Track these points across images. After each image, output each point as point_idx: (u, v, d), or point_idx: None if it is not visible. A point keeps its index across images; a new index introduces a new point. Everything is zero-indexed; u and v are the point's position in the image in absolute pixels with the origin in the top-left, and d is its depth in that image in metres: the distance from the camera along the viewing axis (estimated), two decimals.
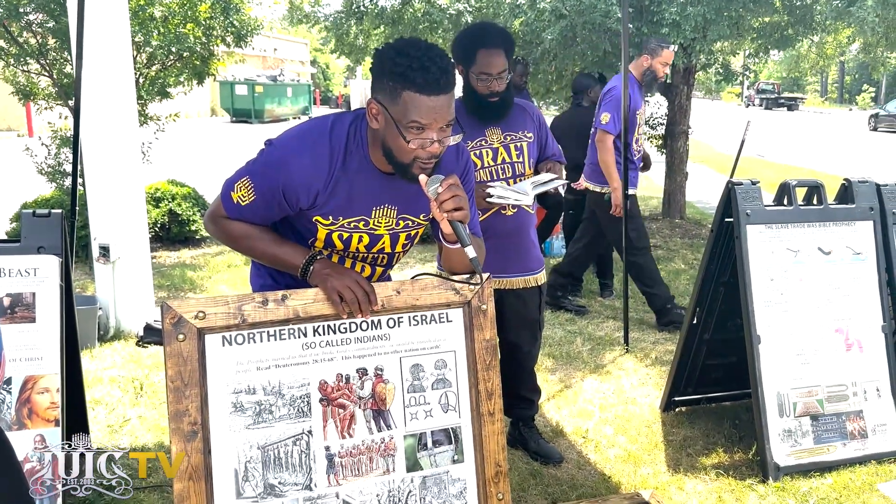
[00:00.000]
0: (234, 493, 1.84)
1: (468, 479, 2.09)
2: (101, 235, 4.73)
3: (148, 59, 7.01)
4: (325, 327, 1.95)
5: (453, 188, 1.89)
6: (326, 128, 1.96)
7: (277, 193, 1.94)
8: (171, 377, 1.80)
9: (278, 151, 1.97)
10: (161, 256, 7.19)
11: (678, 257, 7.43)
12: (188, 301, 1.84)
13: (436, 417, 2.07)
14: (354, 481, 1.96)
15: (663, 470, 3.27)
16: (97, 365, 4.35)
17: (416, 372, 2.05)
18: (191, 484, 1.78)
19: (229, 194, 2.01)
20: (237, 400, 1.85)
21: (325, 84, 48.51)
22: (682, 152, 8.97)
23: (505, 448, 2.14)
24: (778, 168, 15.07)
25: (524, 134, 2.97)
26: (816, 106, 49.68)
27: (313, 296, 1.92)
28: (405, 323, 2.04)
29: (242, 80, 29.63)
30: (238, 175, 2.02)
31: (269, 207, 1.98)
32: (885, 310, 3.42)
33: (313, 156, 1.92)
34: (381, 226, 2.05)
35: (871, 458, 3.26)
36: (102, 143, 4.65)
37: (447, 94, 1.83)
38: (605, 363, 4.58)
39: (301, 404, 1.91)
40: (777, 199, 3.46)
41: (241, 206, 1.99)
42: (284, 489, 1.89)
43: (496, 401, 2.10)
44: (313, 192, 1.93)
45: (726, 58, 9.49)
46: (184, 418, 1.80)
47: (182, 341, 1.80)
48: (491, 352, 2.11)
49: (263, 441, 1.88)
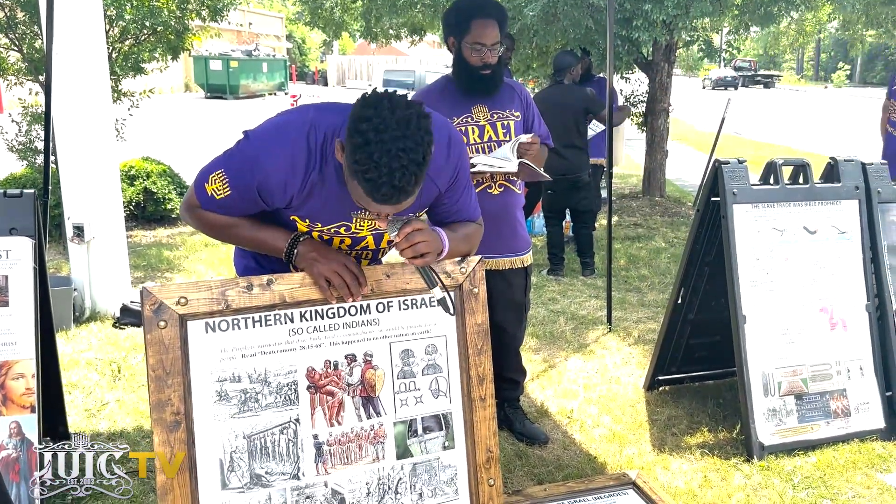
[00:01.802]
0: (219, 483, 1.79)
1: (459, 465, 2.06)
2: (74, 215, 4.61)
3: (121, 33, 6.84)
4: (312, 312, 1.89)
5: (410, 236, 1.78)
6: (305, 127, 1.82)
7: (252, 191, 1.84)
8: (153, 366, 1.73)
9: (254, 148, 1.84)
10: (136, 236, 7.07)
11: (658, 235, 7.45)
12: (169, 286, 1.77)
13: (426, 403, 2.03)
14: (343, 469, 1.92)
15: (648, 450, 3.27)
16: (73, 347, 4.26)
17: (407, 357, 2.01)
18: (175, 477, 1.72)
19: (203, 186, 1.90)
20: (222, 388, 1.80)
21: (302, 59, 47.90)
22: (663, 130, 8.96)
23: (496, 433, 2.11)
24: (755, 145, 15.16)
25: (511, 113, 2.92)
26: (792, 83, 49.97)
27: (300, 280, 1.86)
28: (395, 307, 1.99)
29: (217, 55, 29.18)
30: (213, 167, 1.90)
31: (245, 203, 1.88)
32: (869, 289, 3.43)
33: (289, 157, 1.80)
34: (363, 228, 1.97)
35: (853, 436, 3.28)
36: (75, 120, 4.52)
37: (398, 205, 1.68)
38: (588, 342, 4.57)
39: (288, 392, 1.86)
40: (763, 178, 3.44)
41: (215, 199, 1.88)
42: (271, 479, 1.84)
43: (487, 386, 2.07)
44: (288, 194, 1.83)
45: (708, 34, 9.46)
46: (166, 408, 1.74)
47: (163, 328, 1.73)
48: (483, 336, 2.08)
49: (249, 430, 1.83)
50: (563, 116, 5.71)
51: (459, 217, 2.07)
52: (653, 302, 5.36)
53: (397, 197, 1.62)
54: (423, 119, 1.62)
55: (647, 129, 9.14)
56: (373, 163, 1.56)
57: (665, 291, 5.55)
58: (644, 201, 9.09)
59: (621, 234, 7.36)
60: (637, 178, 10.44)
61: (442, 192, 1.98)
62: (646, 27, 7.14)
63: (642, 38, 7.21)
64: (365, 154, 1.57)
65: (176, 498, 1.74)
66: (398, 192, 1.60)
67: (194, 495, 1.76)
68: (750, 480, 3.00)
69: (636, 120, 9.61)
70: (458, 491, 2.06)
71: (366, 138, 1.57)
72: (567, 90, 5.92)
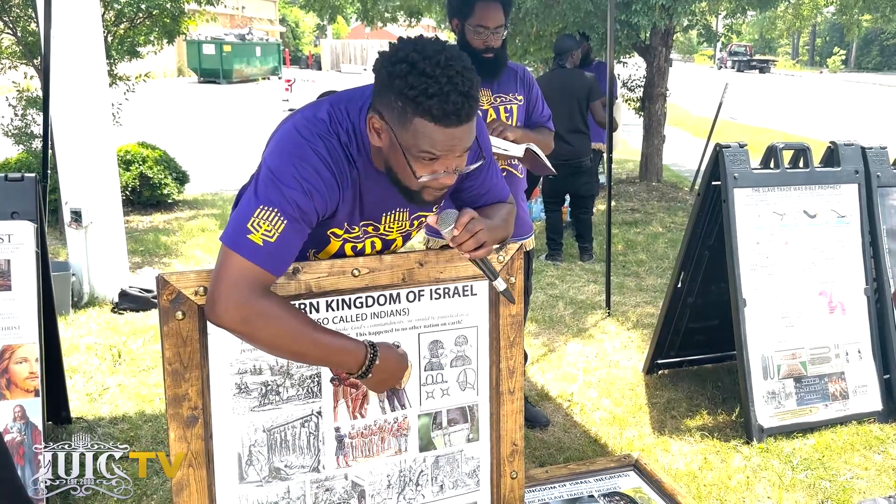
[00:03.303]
0: (237, 477, 1.74)
1: (482, 457, 2.01)
2: (72, 199, 4.59)
3: (116, 16, 6.79)
4: (339, 302, 1.79)
5: (470, 226, 1.65)
6: (327, 123, 1.62)
7: (310, 211, 1.57)
8: (169, 359, 1.63)
9: (292, 163, 1.57)
10: (133, 221, 7.04)
11: (656, 220, 7.46)
12: (187, 275, 1.64)
13: (453, 396, 1.95)
14: (364, 462, 1.87)
15: (648, 432, 3.29)
16: (73, 332, 4.26)
17: (435, 349, 1.92)
18: (191, 471, 1.67)
19: (247, 240, 1.51)
20: (242, 381, 1.73)
21: (295, 43, 47.56)
22: (660, 115, 8.95)
23: (522, 426, 2.04)
24: (750, 130, 15.15)
25: (514, 97, 2.91)
26: (787, 68, 49.92)
27: (328, 269, 1.74)
28: (426, 296, 1.89)
29: (210, 39, 28.93)
30: (245, 212, 1.54)
31: (302, 233, 1.58)
32: (868, 272, 3.44)
33: (327, 159, 1.60)
34: (392, 230, 1.85)
35: (851, 418, 3.31)
36: (72, 104, 4.49)
37: (470, 123, 1.53)
38: (587, 327, 4.59)
39: (311, 384, 1.80)
40: (763, 162, 3.45)
41: (271, 246, 1.51)
42: (291, 472, 1.79)
43: (517, 379, 1.99)
44: (335, 200, 1.65)
45: (707, 18, 9.43)
46: (183, 403, 1.66)
47: (181, 320, 1.63)
48: (516, 328, 1.98)
49: (269, 424, 1.77)
50: (568, 100, 5.70)
51: (490, 198, 1.90)
52: (651, 286, 5.38)
53: (468, 106, 1.48)
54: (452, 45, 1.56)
55: (645, 114, 9.12)
56: (429, 78, 1.45)
57: (663, 276, 5.57)
58: (641, 186, 9.10)
59: (619, 219, 7.37)
60: (634, 164, 10.44)
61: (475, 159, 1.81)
62: (645, 11, 7.12)
63: (641, 22, 7.18)
64: (417, 74, 1.45)
65: (192, 493, 1.69)
66: (467, 99, 1.48)
67: (211, 490, 1.71)
68: (749, 462, 3.03)
69: (633, 105, 9.59)
70: (479, 483, 2.02)
71: (411, 64, 1.46)
72: (571, 74, 5.89)
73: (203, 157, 11.08)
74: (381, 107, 1.54)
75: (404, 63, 1.47)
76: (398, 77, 1.47)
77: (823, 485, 2.87)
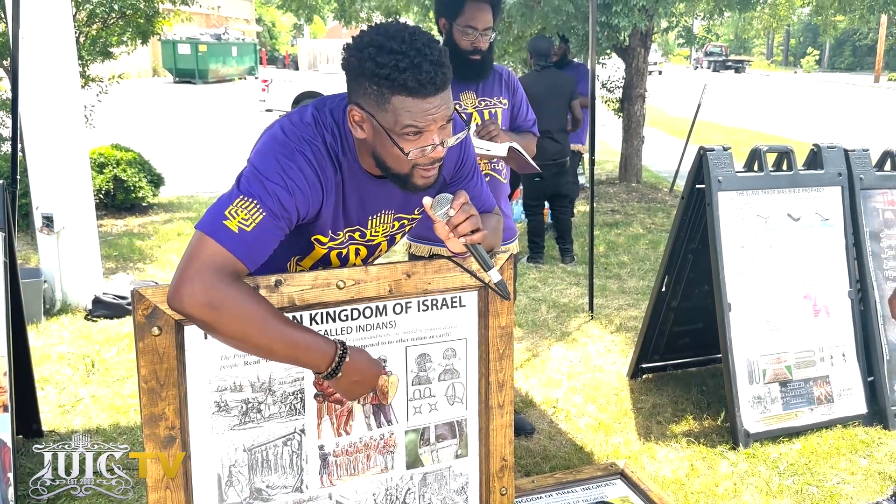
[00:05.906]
0: (216, 499, 1.67)
1: (471, 473, 1.95)
2: (43, 204, 4.47)
3: (88, 16, 6.65)
4: (323, 315, 1.71)
5: (466, 208, 1.62)
6: (313, 126, 1.63)
7: (290, 207, 1.55)
8: (145, 377, 1.55)
9: (277, 159, 1.57)
10: (107, 225, 6.90)
11: (636, 221, 7.45)
12: (164, 288, 1.54)
13: (441, 411, 1.89)
14: (349, 481, 1.80)
15: (634, 438, 3.26)
16: (44, 341, 4.14)
17: (423, 362, 1.85)
18: (168, 493, 1.59)
19: (222, 225, 1.48)
20: (221, 399, 1.65)
21: (272, 43, 47.25)
22: (639, 116, 8.96)
23: (512, 441, 1.99)
24: (727, 130, 15.25)
25: (499, 100, 2.85)
26: (762, 68, 50.45)
27: (311, 281, 1.67)
28: (413, 308, 1.81)
29: (185, 39, 28.64)
30: (225, 201, 1.52)
31: (280, 230, 1.55)
32: (852, 275, 3.44)
33: (313, 158, 1.60)
34: (378, 234, 1.83)
35: (836, 422, 3.30)
36: (42, 107, 4.37)
37: (445, 91, 1.54)
38: (570, 331, 4.55)
39: (293, 401, 1.72)
40: (747, 165, 3.43)
41: (245, 234, 1.48)
42: (272, 492, 1.72)
43: (507, 392, 1.92)
44: (318, 201, 1.64)
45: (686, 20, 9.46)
46: (160, 423, 1.57)
47: (157, 336, 1.54)
48: (506, 340, 1.91)
49: (250, 443, 1.69)
50: (556, 100, 5.68)
51: (476, 208, 1.84)
52: (633, 289, 5.36)
53: (441, 73, 1.50)
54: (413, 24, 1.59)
55: (624, 115, 9.12)
56: (398, 54, 1.47)
57: (644, 278, 5.55)
58: (621, 187, 9.10)
59: (599, 220, 7.35)
60: (612, 164, 10.44)
61: (457, 164, 1.82)
62: (625, 13, 7.11)
63: (622, 23, 7.17)
64: (385, 53, 1.48)
65: None
66: (439, 67, 1.49)
67: None
68: (736, 468, 3.00)
69: (612, 106, 9.59)
70: (468, 500, 1.96)
71: (377, 46, 1.49)
72: (555, 74, 5.88)
73: (178, 158, 10.91)
74: (357, 97, 1.56)
75: (371, 46, 1.50)
76: (368, 60, 1.50)
77: (811, 491, 2.85)
